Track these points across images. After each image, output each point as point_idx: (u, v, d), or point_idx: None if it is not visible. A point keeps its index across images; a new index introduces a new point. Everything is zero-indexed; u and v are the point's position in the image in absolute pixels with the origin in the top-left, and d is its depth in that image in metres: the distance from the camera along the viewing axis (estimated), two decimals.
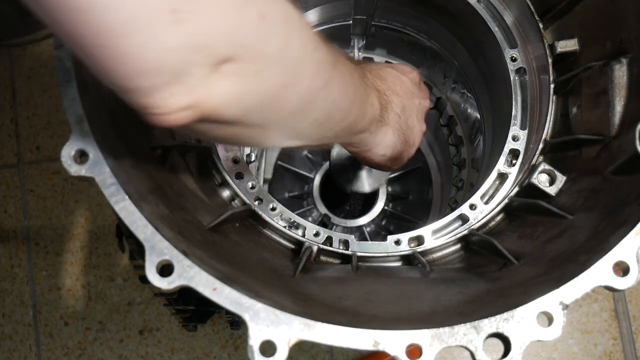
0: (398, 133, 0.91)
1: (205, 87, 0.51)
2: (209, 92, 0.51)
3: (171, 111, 0.51)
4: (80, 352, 1.73)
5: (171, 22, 0.45)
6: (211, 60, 0.49)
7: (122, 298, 1.75)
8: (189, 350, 1.72)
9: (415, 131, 0.95)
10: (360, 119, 0.80)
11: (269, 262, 0.85)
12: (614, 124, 0.84)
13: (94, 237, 1.78)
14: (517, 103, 1.02)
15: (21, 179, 1.82)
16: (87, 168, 0.61)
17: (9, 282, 1.77)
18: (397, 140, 0.91)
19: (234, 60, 0.51)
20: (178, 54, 0.47)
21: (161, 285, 0.58)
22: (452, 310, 0.69)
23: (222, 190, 0.96)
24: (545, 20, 0.99)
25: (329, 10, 1.26)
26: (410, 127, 0.94)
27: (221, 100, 0.53)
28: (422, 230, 0.95)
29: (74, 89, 0.62)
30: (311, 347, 1.68)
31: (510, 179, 0.97)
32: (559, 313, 0.59)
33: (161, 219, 0.64)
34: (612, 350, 1.69)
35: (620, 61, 0.84)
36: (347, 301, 0.73)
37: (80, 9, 0.42)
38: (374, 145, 0.89)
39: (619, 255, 0.61)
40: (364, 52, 1.44)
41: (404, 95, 0.92)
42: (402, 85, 0.92)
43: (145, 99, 0.49)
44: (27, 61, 1.88)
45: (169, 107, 0.50)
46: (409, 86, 0.94)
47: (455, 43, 1.22)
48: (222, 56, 0.50)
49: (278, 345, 0.56)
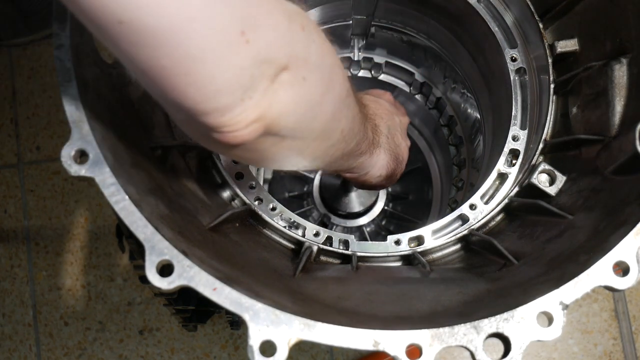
0: (389, 152, 0.97)
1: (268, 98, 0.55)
2: (271, 103, 0.55)
3: (243, 126, 0.54)
4: (80, 352, 1.73)
5: (240, 43, 0.49)
6: (272, 72, 0.54)
7: (122, 298, 1.75)
8: (189, 350, 1.72)
9: (402, 147, 1.02)
10: (364, 137, 0.85)
11: (269, 262, 0.85)
12: (614, 124, 0.84)
13: (94, 237, 1.78)
14: (517, 103, 1.02)
15: (21, 179, 1.82)
16: (87, 168, 0.61)
17: (9, 282, 1.77)
18: (390, 159, 0.97)
19: (288, 69, 0.55)
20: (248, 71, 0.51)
21: (161, 285, 0.58)
22: (452, 310, 0.69)
23: (222, 190, 0.96)
24: (545, 20, 0.99)
25: (329, 10, 1.26)
26: (398, 145, 1.00)
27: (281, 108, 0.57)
28: (422, 230, 0.95)
29: (74, 89, 0.62)
30: (311, 347, 1.69)
31: (510, 179, 0.97)
32: (559, 313, 0.59)
33: (161, 219, 0.64)
34: (612, 350, 1.69)
35: (620, 61, 0.84)
36: (347, 301, 0.73)
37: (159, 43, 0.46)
38: (370, 168, 0.95)
39: (619, 255, 0.61)
40: (364, 52, 1.44)
41: (386, 116, 0.99)
42: (382, 108, 0.99)
43: (221, 119, 0.53)
44: (27, 61, 1.88)
45: (241, 122, 0.54)
46: (387, 107, 1.01)
47: (455, 43, 1.22)
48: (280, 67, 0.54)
49: (278, 345, 0.56)
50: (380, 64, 1.45)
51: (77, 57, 0.64)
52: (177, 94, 0.50)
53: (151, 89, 0.53)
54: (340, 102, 0.70)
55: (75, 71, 0.63)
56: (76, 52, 0.65)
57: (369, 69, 1.48)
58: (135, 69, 0.50)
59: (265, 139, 0.60)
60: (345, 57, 1.44)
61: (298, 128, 0.63)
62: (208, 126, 0.54)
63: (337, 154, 0.78)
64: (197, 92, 0.50)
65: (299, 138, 0.65)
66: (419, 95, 1.49)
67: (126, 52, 0.48)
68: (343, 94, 0.69)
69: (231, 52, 0.49)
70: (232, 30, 0.48)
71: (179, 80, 0.49)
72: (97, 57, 0.74)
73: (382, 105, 1.00)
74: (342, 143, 0.76)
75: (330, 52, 0.64)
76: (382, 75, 1.48)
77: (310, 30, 0.59)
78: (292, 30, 0.55)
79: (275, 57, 0.53)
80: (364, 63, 1.46)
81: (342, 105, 0.70)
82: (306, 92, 0.60)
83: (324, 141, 0.72)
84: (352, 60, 1.45)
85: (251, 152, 0.64)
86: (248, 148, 0.61)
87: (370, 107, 0.95)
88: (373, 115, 0.94)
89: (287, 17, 0.55)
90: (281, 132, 0.61)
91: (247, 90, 0.52)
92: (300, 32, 0.56)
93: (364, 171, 0.95)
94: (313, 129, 0.67)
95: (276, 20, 0.53)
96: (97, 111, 0.65)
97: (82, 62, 0.66)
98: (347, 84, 0.70)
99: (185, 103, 0.51)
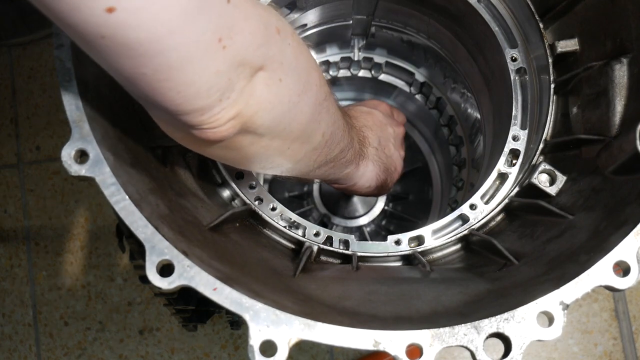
0: (378, 164, 0.98)
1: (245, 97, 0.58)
2: (248, 101, 0.58)
3: (221, 124, 0.58)
4: (80, 352, 1.73)
5: (218, 49, 0.52)
6: (248, 73, 0.57)
7: (122, 298, 1.75)
8: (189, 350, 1.72)
9: (395, 158, 1.03)
10: (350, 145, 0.86)
11: (269, 262, 0.85)
12: (615, 123, 0.84)
13: (94, 237, 1.78)
14: (517, 103, 1.02)
15: (21, 178, 1.82)
16: (87, 168, 0.61)
17: (9, 282, 1.77)
18: (379, 170, 0.99)
19: (264, 69, 0.58)
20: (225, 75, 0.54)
21: (161, 285, 0.58)
22: (453, 310, 0.69)
23: (223, 190, 0.96)
24: (545, 20, 0.99)
25: (329, 10, 1.26)
26: (389, 156, 1.01)
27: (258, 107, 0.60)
28: (422, 230, 0.95)
29: (74, 88, 0.62)
30: (311, 347, 1.69)
31: (510, 179, 0.97)
32: (560, 313, 0.59)
33: (161, 219, 0.64)
34: (612, 350, 1.69)
35: (620, 61, 0.84)
36: (348, 301, 0.73)
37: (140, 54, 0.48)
38: (358, 179, 0.96)
39: (619, 255, 0.61)
40: (364, 52, 1.44)
41: (377, 128, 1.00)
42: (373, 120, 1.01)
43: (200, 118, 0.56)
44: (27, 61, 1.88)
45: (219, 120, 0.57)
46: (380, 119, 1.02)
47: (455, 43, 1.22)
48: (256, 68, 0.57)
49: (278, 345, 0.56)
50: (381, 64, 1.45)
51: (77, 57, 0.64)
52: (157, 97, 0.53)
53: (133, 92, 0.55)
54: (318, 105, 0.72)
55: (75, 71, 0.63)
56: (76, 52, 0.65)
57: (369, 69, 1.48)
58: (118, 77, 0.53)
59: (243, 137, 0.63)
60: (345, 57, 1.44)
61: (276, 127, 0.65)
62: (188, 124, 0.57)
63: (321, 159, 0.80)
64: (177, 96, 0.53)
65: (277, 137, 0.68)
66: (419, 95, 1.49)
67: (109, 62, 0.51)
68: (321, 97, 0.72)
69: (209, 58, 0.52)
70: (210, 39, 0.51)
71: (160, 85, 0.52)
72: None
73: (374, 117, 1.01)
74: (324, 148, 0.78)
75: (305, 54, 0.67)
76: (382, 75, 1.48)
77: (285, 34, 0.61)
78: (268, 33, 0.58)
79: (252, 60, 0.56)
80: (364, 63, 1.46)
81: (320, 108, 0.72)
82: (283, 92, 0.63)
83: (305, 143, 0.74)
84: (352, 60, 1.45)
85: (231, 150, 0.66)
86: (227, 146, 0.64)
87: (358, 119, 0.97)
88: (361, 126, 0.96)
89: (262, 22, 0.57)
90: (259, 130, 0.63)
91: (225, 92, 0.55)
92: (276, 35, 0.59)
93: (351, 182, 0.97)
94: (292, 129, 0.69)
95: (252, 25, 0.55)
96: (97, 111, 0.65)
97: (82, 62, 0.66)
98: (325, 87, 0.73)
99: (165, 105, 0.54)
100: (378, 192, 1.04)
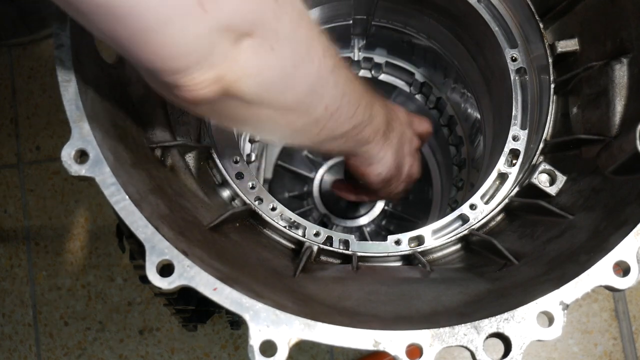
0: (395, 156, 0.96)
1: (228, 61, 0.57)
2: (230, 66, 0.58)
3: (202, 87, 0.57)
4: (80, 352, 1.73)
5: (197, 13, 0.51)
6: (231, 38, 0.55)
7: (122, 298, 1.75)
8: (189, 350, 1.72)
9: (406, 160, 1.02)
10: (367, 123, 0.84)
11: (269, 262, 0.85)
12: (615, 123, 0.84)
13: (94, 237, 1.78)
14: (517, 103, 1.02)
15: (21, 178, 1.82)
16: (87, 168, 0.61)
17: (9, 282, 1.77)
18: (394, 162, 0.97)
19: (251, 36, 0.57)
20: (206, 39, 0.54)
21: (161, 285, 0.58)
22: (453, 310, 0.69)
23: (223, 190, 0.96)
24: (545, 20, 0.99)
25: (329, 10, 1.26)
26: (403, 155, 1.00)
27: (241, 72, 0.59)
28: (422, 230, 0.95)
29: (74, 88, 0.63)
30: (311, 347, 1.69)
31: (510, 179, 0.97)
32: (559, 313, 0.59)
33: (161, 219, 0.64)
34: (612, 350, 1.69)
35: (620, 61, 0.84)
36: (348, 301, 0.73)
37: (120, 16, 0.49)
38: (375, 161, 0.94)
39: (619, 255, 0.61)
40: (364, 52, 1.44)
41: (403, 124, 0.99)
42: (401, 115, 1.00)
43: (178, 78, 0.56)
44: (27, 61, 1.88)
45: (199, 84, 0.57)
46: (405, 118, 1.01)
47: (455, 43, 1.22)
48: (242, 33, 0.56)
49: (278, 345, 0.56)
50: (381, 64, 1.45)
51: (77, 57, 0.64)
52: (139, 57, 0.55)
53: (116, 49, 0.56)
54: (321, 78, 0.70)
55: (75, 71, 0.63)
56: (76, 52, 0.65)
57: (369, 69, 1.48)
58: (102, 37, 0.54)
59: (230, 101, 0.62)
60: (346, 57, 1.44)
61: (265, 96, 0.65)
62: (169, 84, 0.58)
63: (326, 133, 0.78)
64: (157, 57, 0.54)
65: (268, 106, 0.67)
66: (419, 95, 1.49)
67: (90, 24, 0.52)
68: (324, 70, 0.69)
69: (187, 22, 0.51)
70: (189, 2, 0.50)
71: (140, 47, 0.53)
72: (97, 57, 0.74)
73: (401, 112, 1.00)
74: (330, 122, 0.76)
75: (307, 25, 0.65)
76: (382, 75, 1.48)
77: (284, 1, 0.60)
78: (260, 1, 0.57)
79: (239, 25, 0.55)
80: (364, 63, 1.46)
81: (323, 81, 0.70)
82: (273, 61, 0.61)
83: (303, 115, 0.73)
84: (352, 60, 1.45)
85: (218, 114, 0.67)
86: (214, 109, 0.64)
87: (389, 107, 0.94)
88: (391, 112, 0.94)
89: None
90: (246, 96, 0.62)
91: (205, 55, 0.55)
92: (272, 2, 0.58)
93: (367, 161, 0.94)
94: (285, 100, 0.68)
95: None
96: (97, 111, 0.65)
97: (82, 62, 0.66)
98: (330, 60, 0.70)
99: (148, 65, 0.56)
100: (381, 187, 1.02)
